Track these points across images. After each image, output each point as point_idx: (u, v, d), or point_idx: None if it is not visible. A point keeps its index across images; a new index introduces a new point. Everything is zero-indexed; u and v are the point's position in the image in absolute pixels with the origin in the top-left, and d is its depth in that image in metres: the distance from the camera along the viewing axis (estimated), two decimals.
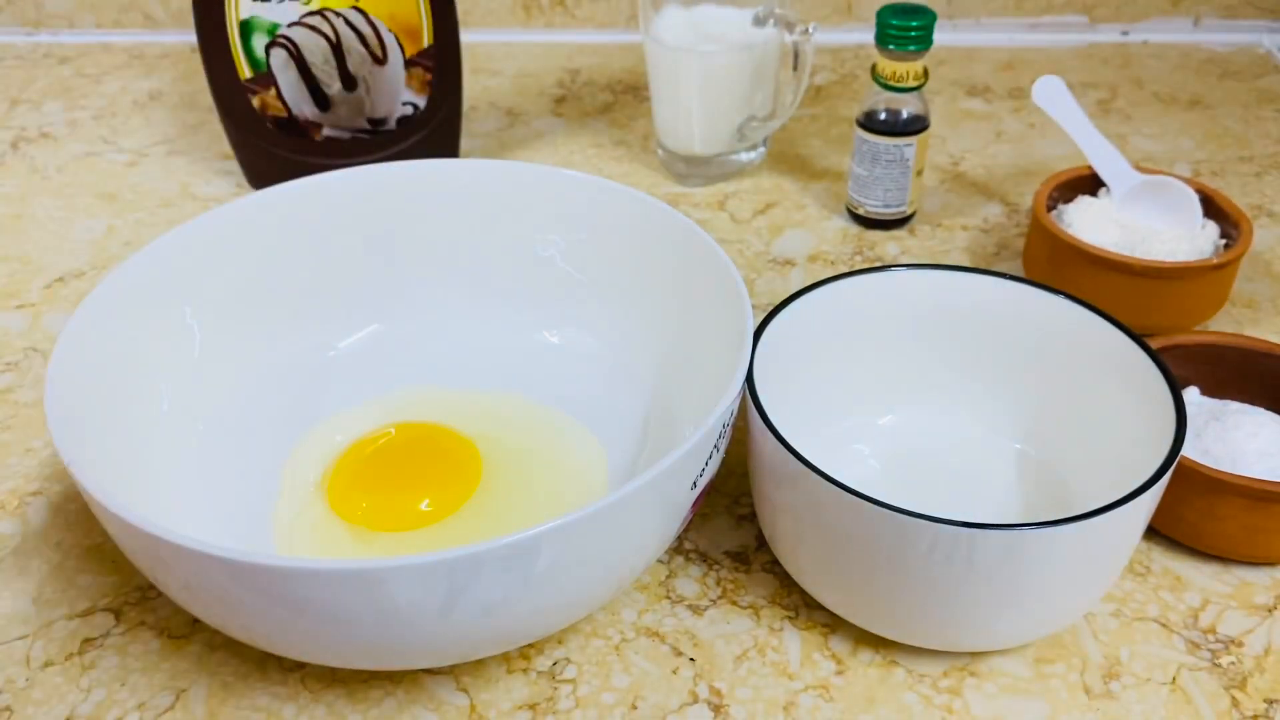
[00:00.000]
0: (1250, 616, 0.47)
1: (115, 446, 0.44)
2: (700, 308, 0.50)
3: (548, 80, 0.90)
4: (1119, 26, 0.96)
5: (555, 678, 0.44)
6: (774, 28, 0.70)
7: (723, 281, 0.48)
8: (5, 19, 0.97)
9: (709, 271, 0.49)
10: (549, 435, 0.53)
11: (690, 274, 0.51)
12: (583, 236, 0.56)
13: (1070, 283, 0.59)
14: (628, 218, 0.54)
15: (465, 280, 0.58)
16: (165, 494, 0.45)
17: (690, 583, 0.48)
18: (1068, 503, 0.48)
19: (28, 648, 0.46)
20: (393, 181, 0.56)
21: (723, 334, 0.47)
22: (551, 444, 0.52)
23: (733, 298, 0.47)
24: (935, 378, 0.52)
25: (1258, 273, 0.67)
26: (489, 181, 0.56)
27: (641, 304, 0.55)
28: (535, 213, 0.56)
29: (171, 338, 0.50)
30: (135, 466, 0.45)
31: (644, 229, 0.53)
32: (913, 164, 0.68)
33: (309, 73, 0.68)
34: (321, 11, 0.67)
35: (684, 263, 0.51)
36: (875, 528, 0.39)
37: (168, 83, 0.90)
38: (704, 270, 0.50)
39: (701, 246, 0.50)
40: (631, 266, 0.54)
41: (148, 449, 0.47)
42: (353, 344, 0.57)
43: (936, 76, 0.89)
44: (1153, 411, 0.44)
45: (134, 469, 0.44)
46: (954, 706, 0.43)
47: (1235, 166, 0.78)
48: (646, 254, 0.54)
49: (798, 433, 0.44)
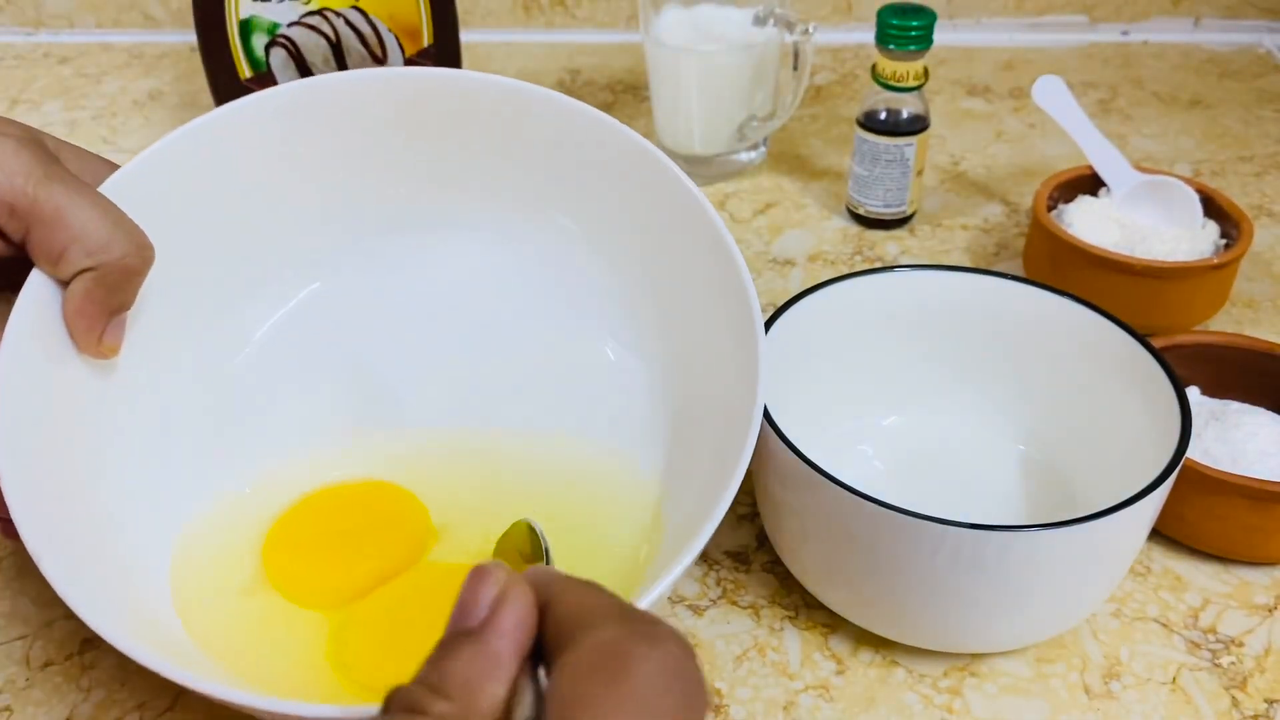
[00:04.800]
0: (1250, 616, 0.47)
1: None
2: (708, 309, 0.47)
3: (548, 80, 0.90)
4: (1119, 26, 0.96)
5: None
6: (774, 28, 0.70)
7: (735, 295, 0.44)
8: (5, 19, 0.97)
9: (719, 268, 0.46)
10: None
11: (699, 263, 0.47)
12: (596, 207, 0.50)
13: (1070, 283, 0.58)
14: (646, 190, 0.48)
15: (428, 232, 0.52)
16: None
17: (690, 583, 0.48)
18: (1072, 504, 0.48)
19: (27, 648, 0.46)
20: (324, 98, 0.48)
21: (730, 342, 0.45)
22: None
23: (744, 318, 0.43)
24: (939, 379, 0.52)
25: (1258, 273, 0.67)
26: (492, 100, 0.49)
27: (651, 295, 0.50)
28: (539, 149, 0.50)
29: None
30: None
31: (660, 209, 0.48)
32: (913, 164, 0.68)
33: (309, 73, 0.68)
34: (321, 11, 0.67)
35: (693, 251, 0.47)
36: (879, 529, 0.39)
37: (168, 83, 0.90)
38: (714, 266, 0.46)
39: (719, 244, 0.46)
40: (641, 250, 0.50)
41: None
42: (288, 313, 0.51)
43: (936, 76, 0.89)
44: (1157, 412, 0.44)
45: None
46: (954, 706, 0.43)
47: (1235, 166, 0.78)
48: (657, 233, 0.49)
49: (802, 434, 0.44)
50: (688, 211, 0.47)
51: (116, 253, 0.40)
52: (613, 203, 0.50)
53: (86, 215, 0.39)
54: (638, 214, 0.49)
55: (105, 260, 0.40)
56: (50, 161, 0.39)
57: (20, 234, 0.39)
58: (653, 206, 0.48)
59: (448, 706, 0.25)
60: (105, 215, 0.40)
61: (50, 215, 0.38)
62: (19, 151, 0.39)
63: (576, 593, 0.27)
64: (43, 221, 0.38)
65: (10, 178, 0.38)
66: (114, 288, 0.41)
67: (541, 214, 0.51)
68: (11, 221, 0.39)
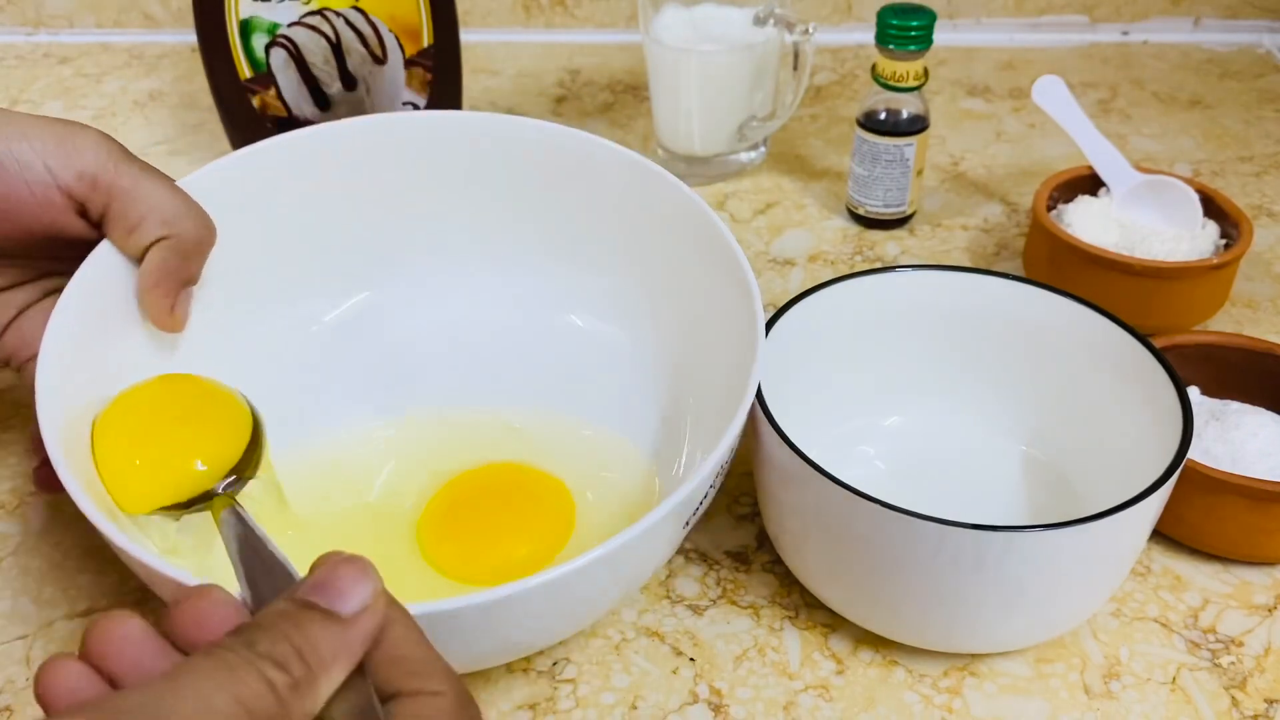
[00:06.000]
0: (1250, 616, 0.47)
1: None
2: (713, 306, 0.49)
3: (548, 80, 0.90)
4: (1119, 26, 0.96)
5: (555, 678, 0.44)
6: (774, 28, 0.70)
7: (737, 286, 0.47)
8: (5, 19, 0.97)
9: (722, 268, 0.48)
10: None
11: (703, 267, 0.50)
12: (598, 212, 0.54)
13: (1070, 282, 0.58)
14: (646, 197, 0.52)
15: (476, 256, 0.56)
16: None
17: (690, 583, 0.48)
18: (1073, 504, 0.48)
19: (28, 648, 0.46)
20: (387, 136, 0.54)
21: (731, 346, 0.46)
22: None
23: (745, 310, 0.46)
24: (941, 379, 0.52)
25: (1258, 273, 0.67)
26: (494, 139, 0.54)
27: (655, 293, 0.54)
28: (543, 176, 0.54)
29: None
30: None
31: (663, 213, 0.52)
32: (913, 164, 0.68)
33: (309, 73, 0.68)
34: (321, 11, 0.67)
35: (698, 258, 0.50)
36: (881, 529, 0.39)
37: (168, 83, 0.90)
38: (717, 267, 0.49)
39: (720, 245, 0.49)
40: (645, 253, 0.53)
41: None
42: (341, 314, 0.56)
43: (936, 76, 0.89)
44: (1158, 412, 0.44)
45: None
46: (954, 706, 0.43)
47: (1235, 166, 0.78)
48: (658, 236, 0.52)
49: (804, 434, 0.44)
50: (684, 212, 0.50)
51: (189, 224, 0.45)
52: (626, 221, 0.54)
53: (160, 192, 0.45)
54: (641, 219, 0.52)
55: (178, 230, 0.45)
56: (126, 152, 0.45)
57: (100, 209, 0.44)
58: (647, 207, 0.52)
59: (302, 671, 0.26)
60: (175, 193, 0.45)
61: (129, 188, 0.44)
62: (101, 140, 0.44)
63: (412, 630, 0.30)
64: (123, 194, 0.44)
65: (96, 156, 0.44)
66: (186, 257, 0.46)
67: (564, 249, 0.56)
68: (94, 194, 0.44)
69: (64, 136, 0.44)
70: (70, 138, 0.44)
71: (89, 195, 0.44)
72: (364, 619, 0.28)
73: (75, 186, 0.43)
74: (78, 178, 0.43)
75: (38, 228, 0.44)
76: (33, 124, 0.43)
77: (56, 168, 0.43)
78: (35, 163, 0.43)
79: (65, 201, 0.44)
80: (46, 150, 0.43)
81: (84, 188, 0.43)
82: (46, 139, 0.43)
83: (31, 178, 0.43)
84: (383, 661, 0.29)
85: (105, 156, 0.44)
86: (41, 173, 0.43)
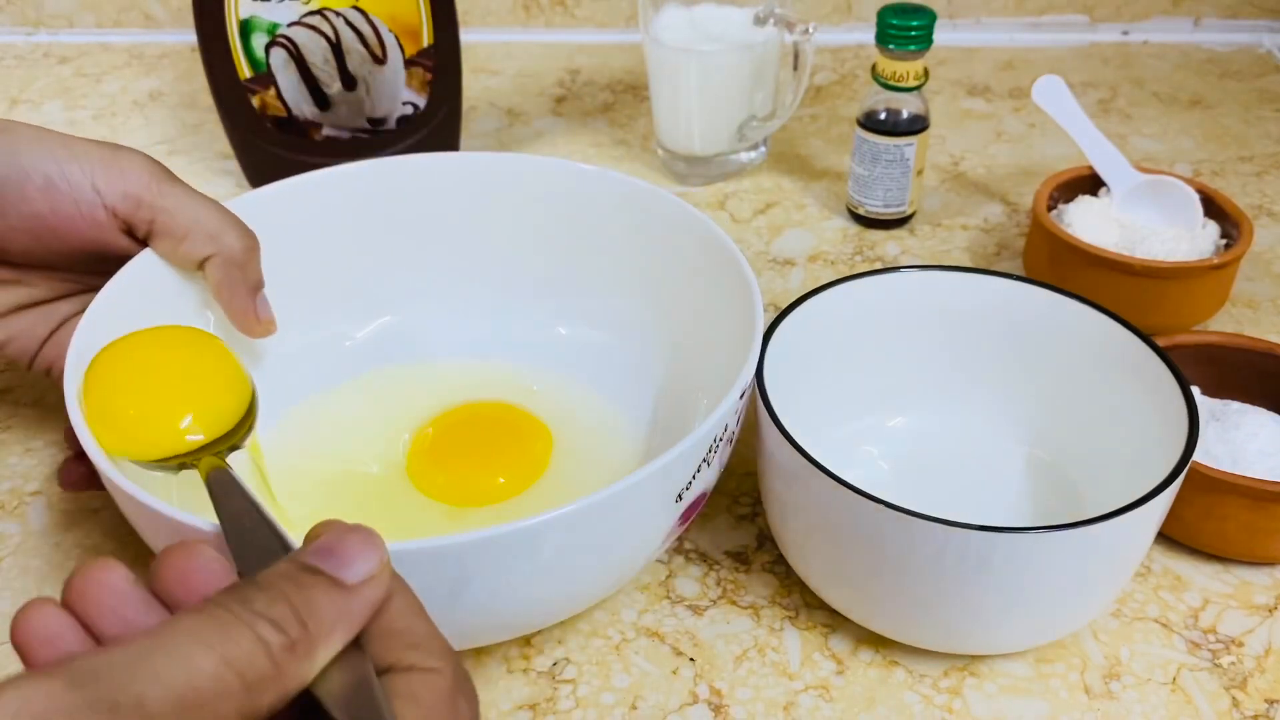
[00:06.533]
0: (1250, 616, 0.47)
1: None
2: (711, 308, 0.50)
3: (548, 80, 0.90)
4: (1119, 26, 0.96)
5: (555, 678, 0.44)
6: (774, 28, 0.70)
7: (737, 286, 0.48)
8: (5, 19, 0.97)
9: (723, 272, 0.49)
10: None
11: (704, 274, 0.51)
12: (594, 231, 0.56)
13: (1071, 282, 0.58)
14: (644, 213, 0.54)
15: (477, 273, 0.58)
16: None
17: (690, 583, 0.48)
18: (1078, 506, 0.48)
19: None
20: (398, 174, 0.56)
21: (732, 336, 0.47)
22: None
23: (745, 305, 0.46)
24: (945, 380, 0.52)
25: (1258, 273, 0.67)
26: (496, 174, 0.56)
27: (654, 301, 0.55)
28: (543, 204, 0.56)
29: None
30: None
31: (660, 225, 0.53)
32: (913, 164, 0.68)
33: (309, 72, 0.68)
34: (321, 11, 0.67)
35: (698, 263, 0.51)
36: (885, 530, 0.39)
37: (168, 83, 0.90)
38: (718, 271, 0.50)
39: (717, 246, 0.50)
40: (644, 263, 0.54)
41: None
42: (365, 335, 0.58)
43: (936, 76, 0.89)
44: (1163, 413, 0.44)
45: None
46: (954, 706, 0.43)
47: (1235, 166, 0.78)
48: (660, 250, 0.53)
49: (807, 434, 0.43)
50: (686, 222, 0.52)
51: (231, 236, 0.47)
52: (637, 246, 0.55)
53: (201, 209, 0.47)
54: (651, 242, 0.54)
55: (224, 244, 0.47)
56: (169, 173, 0.48)
57: (145, 227, 0.47)
58: (653, 228, 0.54)
59: (299, 634, 0.26)
60: (216, 209, 0.48)
61: (173, 205, 0.46)
62: (145, 162, 0.47)
63: (413, 603, 0.30)
64: (166, 210, 0.46)
65: (140, 177, 0.46)
66: (242, 267, 0.48)
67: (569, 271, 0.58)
68: (138, 213, 0.46)
69: (111, 159, 0.46)
70: (117, 160, 0.46)
71: (133, 214, 0.46)
72: (368, 588, 0.28)
73: (120, 206, 0.46)
74: (123, 198, 0.46)
75: (85, 244, 0.46)
76: (82, 146, 0.46)
77: (104, 188, 0.45)
78: (84, 183, 0.45)
79: (111, 220, 0.46)
80: (95, 171, 0.45)
81: (129, 207, 0.46)
82: (95, 161, 0.45)
83: (81, 197, 0.45)
84: (381, 633, 0.28)
85: (149, 178, 0.46)
86: (89, 193, 0.45)
